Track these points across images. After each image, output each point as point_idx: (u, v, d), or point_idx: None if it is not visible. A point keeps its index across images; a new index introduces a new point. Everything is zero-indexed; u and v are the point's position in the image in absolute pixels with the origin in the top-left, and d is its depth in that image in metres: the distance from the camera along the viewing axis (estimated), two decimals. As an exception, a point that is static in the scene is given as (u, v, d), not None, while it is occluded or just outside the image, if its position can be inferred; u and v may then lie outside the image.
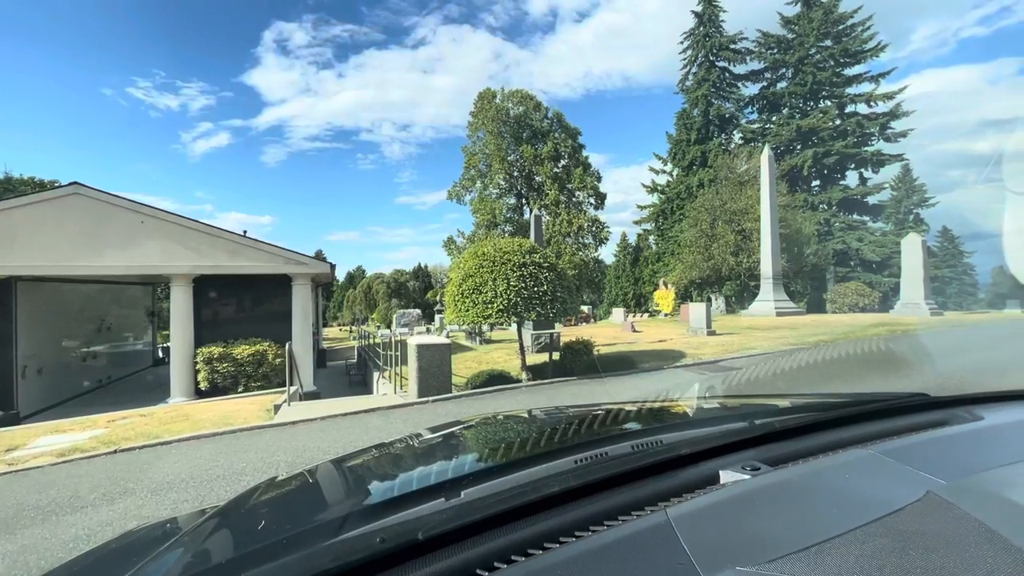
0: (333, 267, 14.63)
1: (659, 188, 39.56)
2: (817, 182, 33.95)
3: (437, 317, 26.90)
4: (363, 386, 14.88)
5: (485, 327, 17.17)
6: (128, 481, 5.06)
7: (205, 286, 12.01)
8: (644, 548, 0.66)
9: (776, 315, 20.11)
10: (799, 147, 33.27)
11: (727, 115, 36.59)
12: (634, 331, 17.87)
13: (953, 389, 1.49)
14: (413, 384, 8.81)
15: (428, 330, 25.69)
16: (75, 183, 10.94)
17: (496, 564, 0.66)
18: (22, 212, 10.50)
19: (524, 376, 9.84)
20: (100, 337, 15.59)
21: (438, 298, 33.87)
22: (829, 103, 32.59)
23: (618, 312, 28.78)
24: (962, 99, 67.73)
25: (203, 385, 11.22)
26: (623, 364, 10.83)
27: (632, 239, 44.65)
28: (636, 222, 42.62)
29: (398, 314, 29.40)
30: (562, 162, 37.10)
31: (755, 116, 36.86)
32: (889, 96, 30.87)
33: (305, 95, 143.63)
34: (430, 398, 8.50)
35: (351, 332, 38.03)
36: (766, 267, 22.02)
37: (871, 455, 0.93)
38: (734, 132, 37.02)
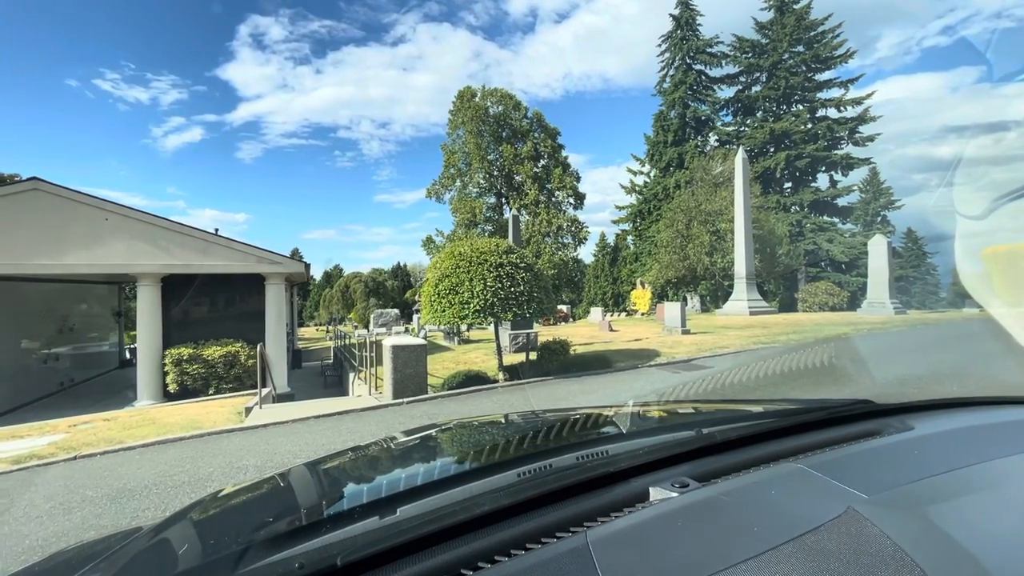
0: (308, 266, 14.41)
1: (637, 189, 39.98)
2: (789, 184, 34.80)
3: (415, 317, 26.70)
4: (339, 387, 14.69)
5: (463, 327, 17.12)
6: (87, 489, 4.90)
7: (174, 285, 11.69)
8: (560, 574, 0.62)
9: (749, 314, 20.54)
10: (772, 149, 34.04)
11: (703, 117, 37.21)
12: (611, 330, 18.03)
13: (910, 395, 1.49)
14: (388, 385, 8.74)
15: (406, 330, 25.48)
16: (34, 178, 10.52)
17: None
18: (-23, 208, 10.07)
19: (501, 376, 9.85)
20: (63, 338, 15.01)
21: (416, 298, 33.62)
22: (801, 107, 33.43)
23: (596, 311, 28.98)
24: (925, 105, 70.20)
25: (172, 387, 10.92)
26: (599, 363, 10.92)
27: (611, 239, 45.12)
28: (615, 222, 43.01)
29: (376, 314, 29.03)
30: (542, 162, 37.17)
31: (730, 119, 37.58)
32: (857, 101, 31.84)
33: (282, 91, 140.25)
34: (405, 399, 8.45)
35: (328, 332, 37.48)
36: (740, 267, 22.48)
37: (799, 469, 0.91)
38: (710, 134, 37.66)
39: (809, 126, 32.64)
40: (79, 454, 6.25)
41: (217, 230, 13.01)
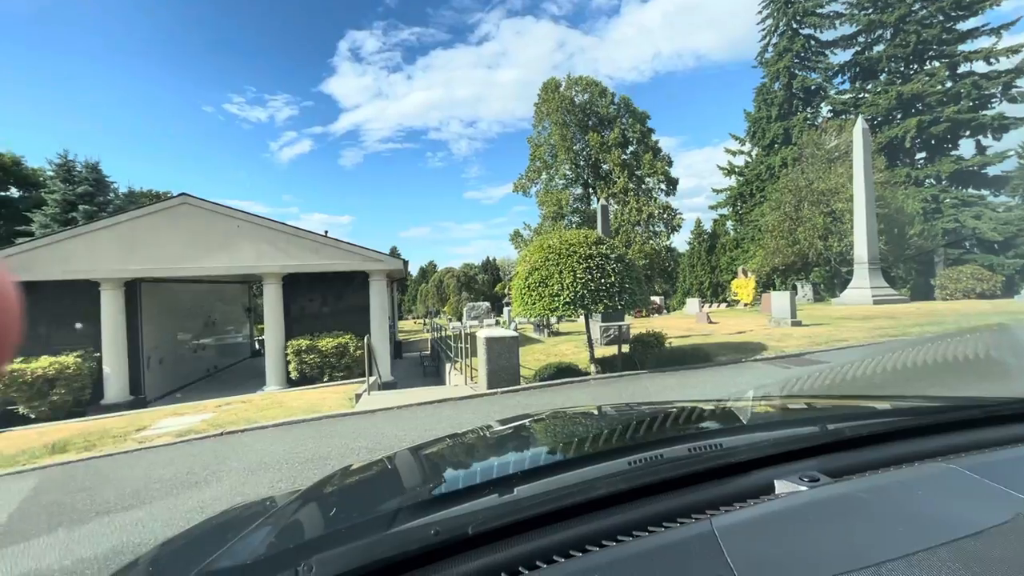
0: (406, 263, 15.28)
1: (737, 170, 37.37)
2: (922, 154, 30.31)
3: (505, 310, 27.27)
4: (436, 376, 15.45)
5: (552, 319, 17.17)
6: (232, 460, 5.65)
7: (293, 283, 13.00)
8: (685, 558, 0.65)
9: (873, 303, 18.36)
10: (900, 116, 29.86)
11: (813, 87, 33.63)
12: (710, 322, 17.08)
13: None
14: (482, 376, 9.03)
15: (497, 322, 26.13)
16: (184, 194, 12.24)
17: (538, 563, 0.68)
18: (142, 221, 11.94)
19: (592, 369, 9.76)
20: (207, 331, 17.41)
21: (506, 291, 34.29)
22: (937, 64, 28.87)
23: (692, 302, 27.57)
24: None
25: (293, 375, 12.20)
26: (697, 357, 10.39)
27: (708, 225, 42.59)
28: (712, 207, 40.64)
29: (468, 307, 30.13)
30: (630, 148, 36.05)
31: (846, 86, 33.53)
32: (1015, 50, 26.75)
33: (377, 99, 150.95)
34: (499, 390, 8.68)
35: (424, 324, 39.52)
36: (860, 251, 20.13)
37: (951, 470, 0.84)
38: (821, 105, 33.96)
39: (948, 85, 28.11)
40: (224, 431, 7.22)
41: (327, 232, 14.26)
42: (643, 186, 35.59)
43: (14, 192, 30.43)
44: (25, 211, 26.58)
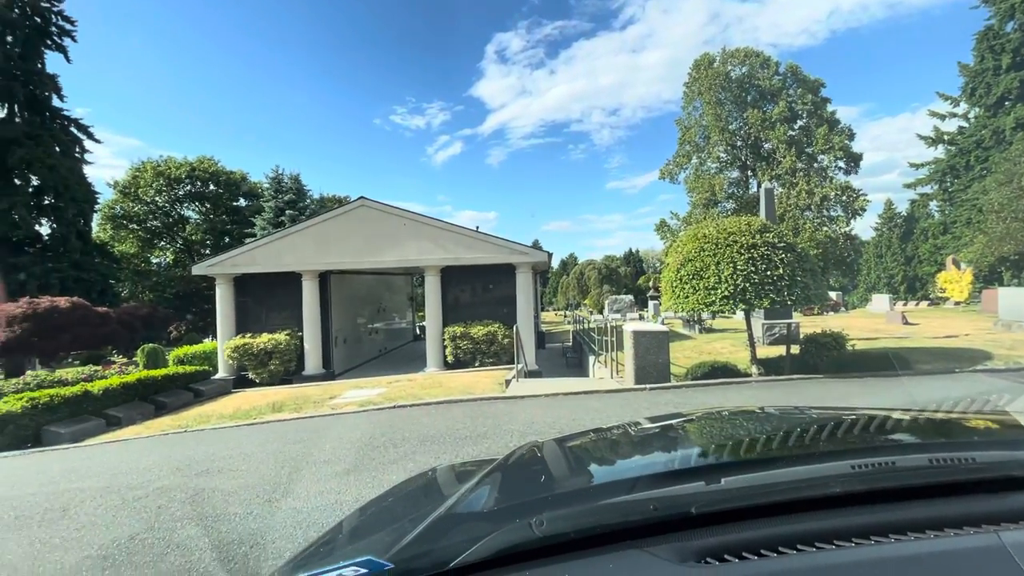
0: (550, 255, 15.56)
1: (946, 138, 30.53)
2: None
3: (651, 303, 26.22)
4: (579, 368, 15.49)
5: (706, 315, 16.01)
6: (404, 431, 6.37)
7: (448, 275, 14.15)
8: (972, 568, 0.63)
9: None
10: None
11: (1070, 20, 25.81)
12: (906, 323, 14.32)
13: None
14: (630, 370, 8.79)
15: (640, 316, 25.26)
16: (362, 197, 14.09)
17: (782, 549, 0.68)
18: (331, 223, 14.06)
19: (754, 370, 8.87)
20: (378, 317, 19.88)
21: (651, 284, 32.92)
22: None
23: (880, 299, 23.38)
24: None
25: (449, 359, 13.30)
26: (888, 363, 8.79)
27: (902, 207, 35.69)
28: (908, 185, 33.93)
29: (610, 300, 29.60)
30: (799, 123, 31.75)
31: None
32: None
33: (521, 97, 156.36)
34: (647, 386, 8.37)
35: (565, 316, 39.94)
36: None
37: None
38: (1084, 42, 25.92)
39: None
40: (396, 404, 8.17)
41: (478, 227, 15.21)
42: (815, 165, 31.07)
43: (242, 202, 38.47)
44: (250, 217, 33.27)
